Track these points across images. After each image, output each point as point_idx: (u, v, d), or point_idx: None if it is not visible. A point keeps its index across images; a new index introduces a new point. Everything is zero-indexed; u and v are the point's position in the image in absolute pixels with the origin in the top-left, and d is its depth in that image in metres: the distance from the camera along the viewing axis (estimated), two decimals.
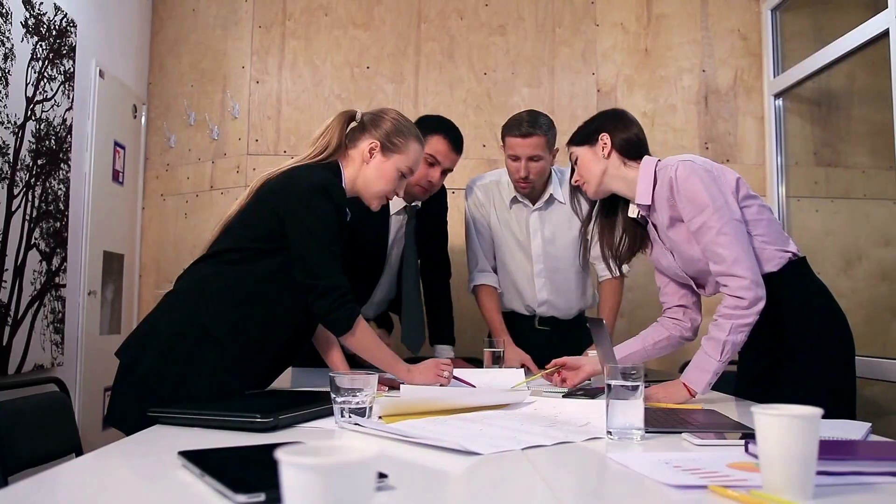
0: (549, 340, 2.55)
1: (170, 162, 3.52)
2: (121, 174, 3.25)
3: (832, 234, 3.39)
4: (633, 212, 1.91)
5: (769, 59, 3.40)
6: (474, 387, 1.86)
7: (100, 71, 3.00)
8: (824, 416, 0.86)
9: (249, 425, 1.27)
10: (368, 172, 1.87)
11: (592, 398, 1.73)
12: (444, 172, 2.42)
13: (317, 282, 1.70)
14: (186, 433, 1.28)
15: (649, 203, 1.84)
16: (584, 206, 2.04)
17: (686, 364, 3.06)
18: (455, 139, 2.40)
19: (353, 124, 1.92)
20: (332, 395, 1.34)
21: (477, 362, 2.74)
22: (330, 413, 1.39)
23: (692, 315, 2.00)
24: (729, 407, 1.68)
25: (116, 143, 3.20)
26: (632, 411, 1.22)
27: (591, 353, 2.10)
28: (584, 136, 1.94)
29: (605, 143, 1.89)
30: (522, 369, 2.19)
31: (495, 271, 2.62)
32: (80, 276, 2.90)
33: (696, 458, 1.04)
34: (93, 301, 3.00)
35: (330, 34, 3.44)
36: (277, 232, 1.73)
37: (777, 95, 3.37)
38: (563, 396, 1.78)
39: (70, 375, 2.75)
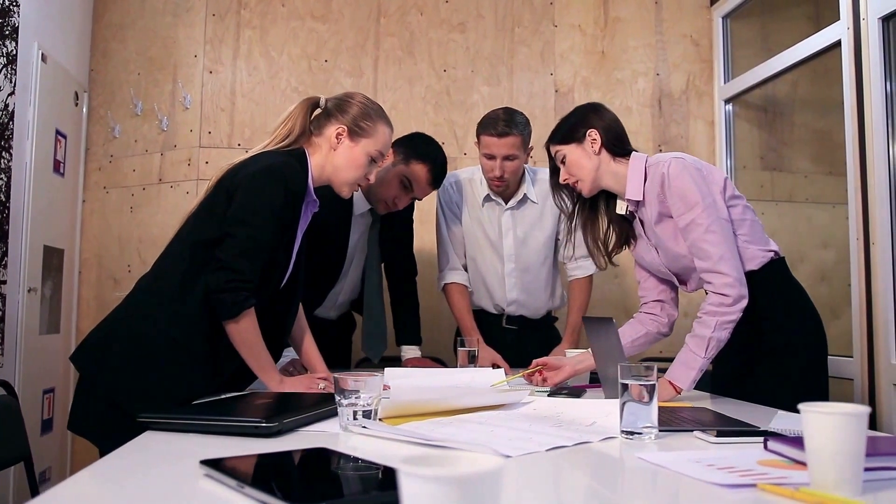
0: (516, 339, 2.55)
1: (114, 153, 3.34)
2: (62, 165, 3.07)
3: (776, 236, 3.48)
4: (621, 208, 1.92)
5: (720, 65, 3.50)
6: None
7: (42, 54, 2.82)
8: None
9: (253, 430, 1.21)
10: (337, 159, 1.80)
11: (577, 397, 1.73)
12: (414, 198, 2.37)
13: (222, 257, 1.61)
14: (184, 440, 1.21)
15: (640, 199, 1.85)
16: (568, 203, 2.03)
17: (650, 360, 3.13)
18: (438, 175, 2.34)
19: (318, 111, 1.85)
20: (338, 398, 1.29)
21: (441, 362, 2.71)
22: (332, 415, 1.34)
23: (669, 311, 2.02)
24: (705, 404, 1.70)
25: (58, 132, 3.01)
26: (646, 410, 1.22)
27: (570, 353, 2.11)
28: (568, 133, 1.91)
29: (595, 139, 1.88)
30: (501, 369, 2.17)
31: (466, 269, 2.60)
32: (20, 272, 2.72)
33: (725, 457, 1.04)
34: (33, 298, 2.82)
35: (287, 25, 3.34)
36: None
37: (727, 101, 3.47)
38: (548, 396, 1.78)
39: (9, 377, 2.57)
